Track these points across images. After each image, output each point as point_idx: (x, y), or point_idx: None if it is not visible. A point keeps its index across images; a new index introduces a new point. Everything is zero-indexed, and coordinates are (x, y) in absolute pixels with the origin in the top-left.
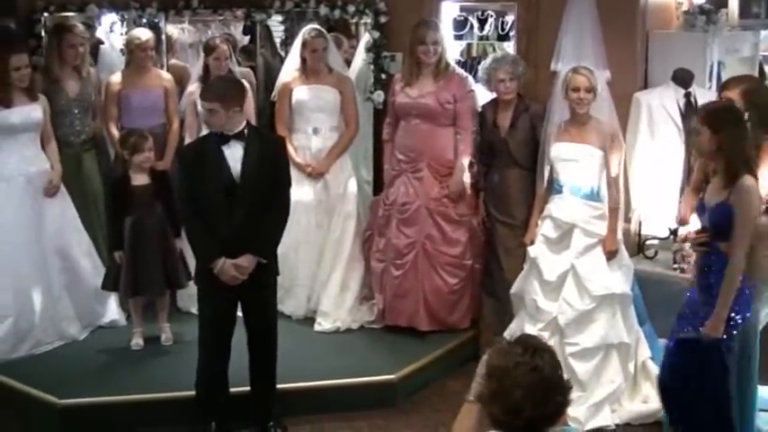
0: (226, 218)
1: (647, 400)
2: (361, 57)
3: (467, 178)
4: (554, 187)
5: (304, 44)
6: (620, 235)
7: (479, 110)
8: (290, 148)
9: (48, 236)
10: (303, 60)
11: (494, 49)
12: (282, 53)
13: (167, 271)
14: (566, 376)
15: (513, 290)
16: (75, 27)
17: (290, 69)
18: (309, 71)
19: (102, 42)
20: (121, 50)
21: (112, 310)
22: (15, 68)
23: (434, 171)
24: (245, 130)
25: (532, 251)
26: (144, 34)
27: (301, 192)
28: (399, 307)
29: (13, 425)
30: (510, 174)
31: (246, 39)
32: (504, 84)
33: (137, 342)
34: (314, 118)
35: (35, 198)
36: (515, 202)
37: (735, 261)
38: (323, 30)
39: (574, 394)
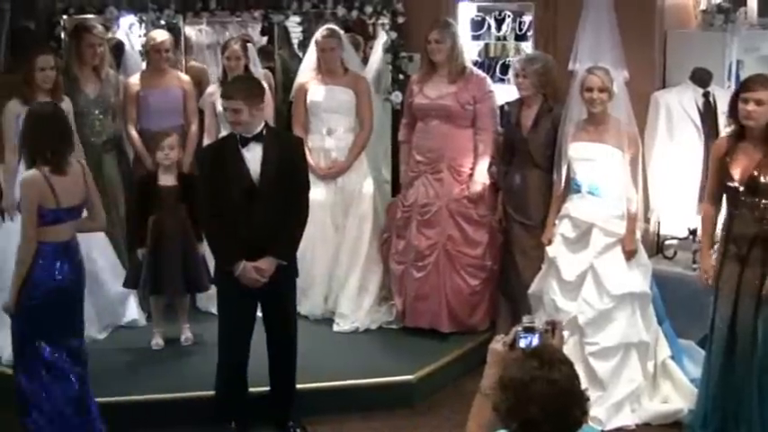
0: (245, 220)
1: (668, 400)
2: (377, 57)
3: (486, 179)
4: (572, 186)
5: (316, 44)
6: (638, 235)
7: (505, 108)
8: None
9: None
10: (319, 61)
11: (517, 50)
12: (300, 54)
13: (188, 273)
14: (583, 380)
15: (531, 290)
16: (93, 27)
17: (306, 70)
18: (324, 72)
19: (123, 44)
20: (140, 52)
21: (132, 310)
22: (41, 69)
23: (454, 172)
24: (264, 132)
25: (551, 251)
26: (160, 35)
27: (316, 192)
28: (421, 309)
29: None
30: (529, 174)
31: (264, 40)
32: (516, 79)
33: (157, 342)
34: (328, 119)
35: None
36: (533, 203)
37: None
38: (336, 29)
39: (593, 394)
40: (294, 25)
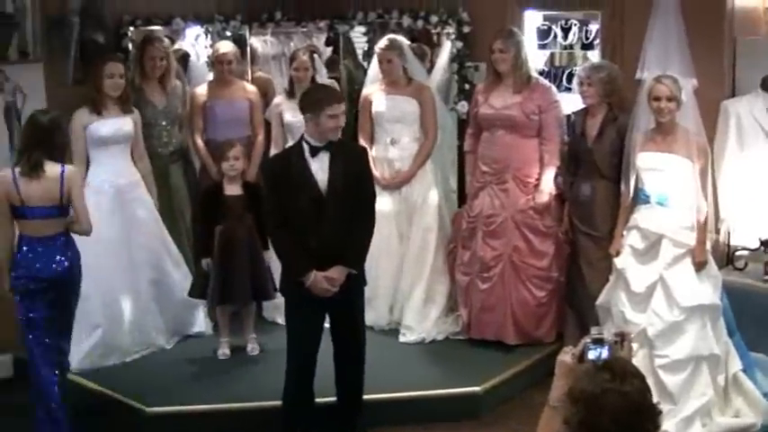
0: (314, 230)
1: (739, 415)
2: (441, 66)
3: (552, 189)
4: (640, 197)
5: (376, 55)
6: (708, 246)
7: (571, 118)
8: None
9: (137, 247)
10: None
11: (585, 58)
12: (365, 64)
13: (255, 281)
14: (655, 395)
15: (598, 301)
16: (156, 40)
17: (371, 81)
18: (387, 82)
19: (189, 55)
20: (206, 63)
21: (200, 321)
22: (109, 76)
23: (520, 182)
24: (331, 141)
25: (619, 262)
26: (224, 47)
27: (380, 202)
28: (486, 320)
29: (104, 431)
30: (595, 185)
31: (329, 50)
32: (581, 87)
33: (223, 352)
34: (392, 129)
35: (124, 209)
36: (600, 214)
37: None
38: (395, 40)
39: (664, 407)
40: (359, 35)
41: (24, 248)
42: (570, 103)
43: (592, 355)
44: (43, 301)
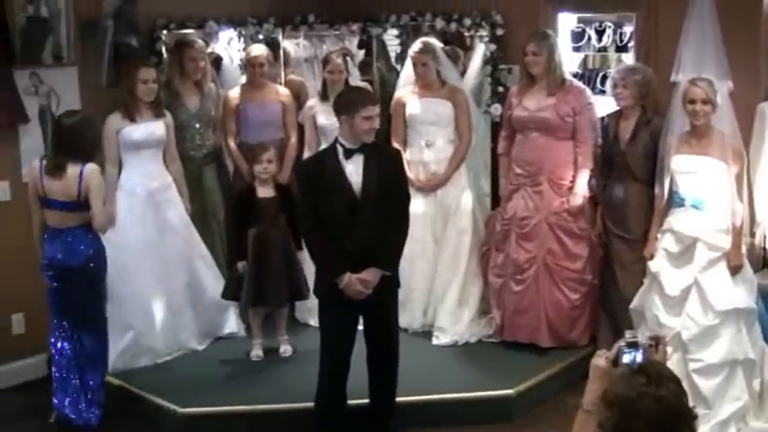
0: (348, 232)
1: None
2: (474, 69)
3: (586, 192)
4: (675, 200)
5: (410, 58)
6: (743, 249)
7: (602, 122)
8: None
9: (170, 249)
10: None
11: (619, 61)
12: (398, 67)
13: (289, 283)
14: (690, 399)
15: (632, 305)
16: (195, 42)
17: (404, 83)
18: (421, 85)
19: (222, 58)
20: (239, 66)
21: (232, 322)
22: (143, 81)
23: (554, 185)
24: (364, 143)
25: (653, 265)
26: (257, 50)
27: (415, 204)
28: (520, 323)
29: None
30: (628, 188)
31: (361, 53)
32: (616, 89)
33: (256, 353)
34: (426, 131)
35: (157, 212)
36: (633, 217)
37: None
38: (429, 43)
39: (698, 412)
40: (392, 38)
41: (46, 236)
42: (603, 105)
43: (626, 358)
44: (60, 289)
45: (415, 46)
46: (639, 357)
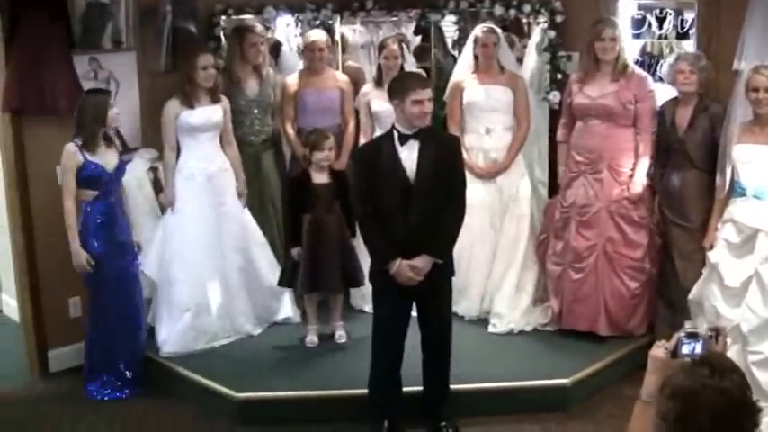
0: (402, 219)
1: None
2: (533, 56)
3: (646, 180)
4: (736, 190)
5: (476, 40)
6: None
7: (659, 109)
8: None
9: (227, 233)
10: (475, 58)
11: (671, 49)
12: (455, 53)
13: (345, 269)
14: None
15: (691, 295)
16: (255, 27)
17: (462, 69)
18: (481, 70)
19: (281, 44)
20: (297, 51)
21: (287, 307)
22: (202, 68)
23: (614, 173)
24: (419, 129)
25: (713, 256)
26: (315, 35)
27: (474, 192)
28: (578, 311)
29: (193, 415)
30: (686, 175)
31: (417, 39)
32: (683, 75)
33: (311, 339)
34: (486, 118)
35: (214, 196)
36: (691, 205)
37: None
38: (495, 27)
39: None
40: (449, 24)
41: None
42: (664, 93)
43: (686, 349)
44: None
45: (484, 27)
46: (699, 348)
